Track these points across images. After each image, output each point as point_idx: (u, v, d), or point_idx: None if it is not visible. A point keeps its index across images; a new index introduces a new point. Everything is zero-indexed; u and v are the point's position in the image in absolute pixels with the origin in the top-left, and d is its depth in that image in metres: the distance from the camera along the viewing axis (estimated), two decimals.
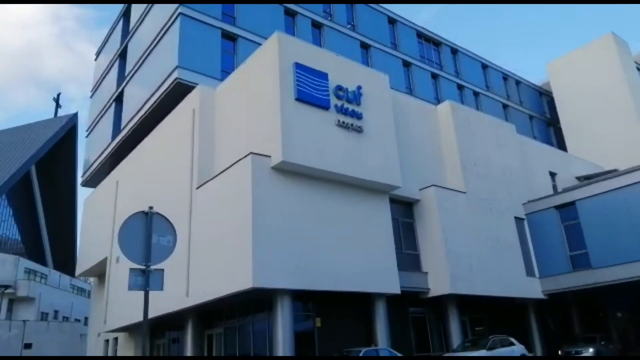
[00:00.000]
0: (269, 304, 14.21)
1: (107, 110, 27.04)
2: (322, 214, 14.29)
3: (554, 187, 23.68)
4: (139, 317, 17.90)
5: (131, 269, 5.83)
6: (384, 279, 15.01)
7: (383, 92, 16.69)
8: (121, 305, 19.70)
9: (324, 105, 14.54)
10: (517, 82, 37.88)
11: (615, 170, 23.92)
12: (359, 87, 15.62)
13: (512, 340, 15.86)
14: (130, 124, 23.07)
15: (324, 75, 14.78)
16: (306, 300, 14.52)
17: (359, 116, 15.30)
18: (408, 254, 16.94)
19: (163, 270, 6.00)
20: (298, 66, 14.29)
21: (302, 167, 13.79)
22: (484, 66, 35.24)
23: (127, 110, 24.04)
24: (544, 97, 40.00)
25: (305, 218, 13.85)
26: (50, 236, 53.22)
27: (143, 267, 5.87)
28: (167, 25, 20.92)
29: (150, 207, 6.09)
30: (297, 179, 14.04)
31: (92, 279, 38.95)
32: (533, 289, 19.29)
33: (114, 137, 25.06)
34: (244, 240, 12.78)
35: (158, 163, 19.24)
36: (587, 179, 24.25)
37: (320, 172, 14.17)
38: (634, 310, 24.75)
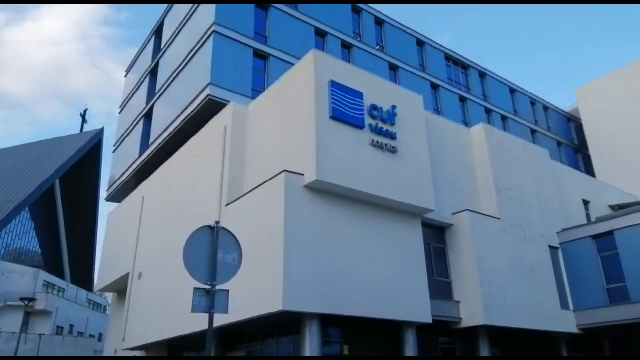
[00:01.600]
0: (295, 328, 13.74)
1: (135, 126, 27.21)
2: (354, 235, 13.89)
3: (587, 216, 22.91)
4: (161, 336, 17.72)
5: (195, 289, 5.48)
6: (415, 306, 14.45)
7: (417, 112, 16.39)
8: (142, 323, 19.40)
9: (358, 125, 14.27)
10: (545, 107, 37.34)
11: None
12: (393, 107, 15.35)
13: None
14: (159, 140, 23.11)
15: (359, 94, 14.55)
16: (334, 325, 14.01)
17: (392, 136, 14.99)
18: (439, 280, 16.35)
19: (228, 291, 5.63)
20: (333, 84, 14.10)
21: (336, 186, 13.46)
22: (512, 90, 34.83)
23: (156, 126, 24.12)
24: (571, 123, 39.32)
25: (336, 239, 13.46)
26: (69, 250, 53.51)
27: (208, 286, 5.48)
28: (200, 43, 21.06)
29: (217, 222, 5.77)
30: (329, 198, 13.71)
31: (110, 295, 38.88)
32: (567, 322, 18.44)
33: (141, 153, 25.12)
34: (275, 260, 12.42)
35: (186, 179, 19.12)
36: (620, 208, 23.46)
37: (353, 192, 13.82)
38: None
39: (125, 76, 32.21)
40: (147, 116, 26.02)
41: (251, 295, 13.06)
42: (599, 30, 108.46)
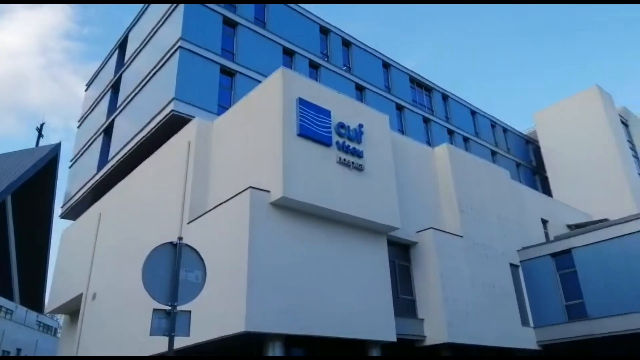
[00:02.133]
0: (257, 349, 13.38)
1: (94, 141, 26.41)
2: (319, 253, 13.74)
3: (546, 235, 23.55)
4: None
5: (155, 310, 5.10)
6: (380, 325, 14.34)
7: (383, 131, 16.56)
8: (95, 346, 18.51)
9: (325, 142, 14.26)
10: (505, 130, 38.51)
11: (606, 220, 23.98)
12: (360, 126, 15.45)
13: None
14: (118, 156, 22.47)
15: (326, 112, 14.59)
16: (298, 346, 13.72)
17: (359, 154, 15.04)
18: (404, 299, 16.35)
19: (190, 312, 5.30)
20: (301, 102, 14.08)
21: (302, 204, 13.33)
22: (473, 112, 35.81)
23: (116, 142, 23.47)
24: (530, 145, 40.65)
25: (301, 257, 13.27)
26: (19, 269, 50.91)
27: (168, 307, 5.13)
28: (166, 58, 20.76)
29: (180, 238, 5.47)
30: (296, 216, 13.56)
31: (62, 317, 37.06)
32: (527, 339, 18.74)
33: (99, 169, 24.34)
34: (238, 279, 12.10)
35: (147, 196, 18.59)
36: (577, 227, 24.24)
37: (320, 209, 13.72)
38: None
39: (85, 90, 31.36)
40: (107, 131, 25.31)
41: (212, 316, 12.62)
42: (558, 55, 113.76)
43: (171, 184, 16.86)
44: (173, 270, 5.27)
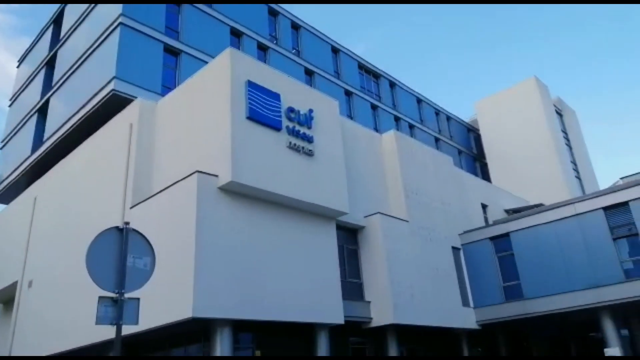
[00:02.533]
0: (205, 335, 13.22)
1: (27, 121, 24.86)
2: (268, 238, 13.65)
3: (485, 219, 24.58)
4: (55, 349, 16.23)
5: (101, 298, 4.84)
6: (328, 308, 14.51)
7: (333, 117, 16.57)
8: (33, 336, 17.65)
9: (275, 126, 14.09)
10: (448, 118, 39.65)
11: (541, 205, 25.31)
12: (310, 111, 15.38)
13: None
14: (54, 137, 21.28)
15: (276, 96, 14.39)
16: (246, 331, 13.66)
17: (309, 139, 14.99)
18: (351, 282, 16.60)
19: (138, 299, 5.07)
20: (251, 84, 13.80)
21: (251, 188, 13.15)
22: (419, 100, 36.59)
23: (52, 122, 22.20)
24: (471, 133, 42.13)
25: (250, 243, 13.14)
26: None
27: (115, 295, 4.89)
28: (106, 35, 19.72)
29: (127, 223, 5.20)
30: (244, 201, 13.37)
31: None
32: (468, 319, 19.58)
33: (34, 150, 22.97)
34: (185, 266, 11.82)
35: (86, 179, 17.74)
36: (514, 212, 25.44)
37: (269, 194, 13.59)
38: (555, 339, 26.02)
39: (17, 67, 29.36)
40: (42, 111, 23.88)
41: (159, 303, 12.28)
42: (501, 45, 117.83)
43: (112, 167, 16.16)
44: (120, 257, 5.00)
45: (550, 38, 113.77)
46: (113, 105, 18.13)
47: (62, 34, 24.27)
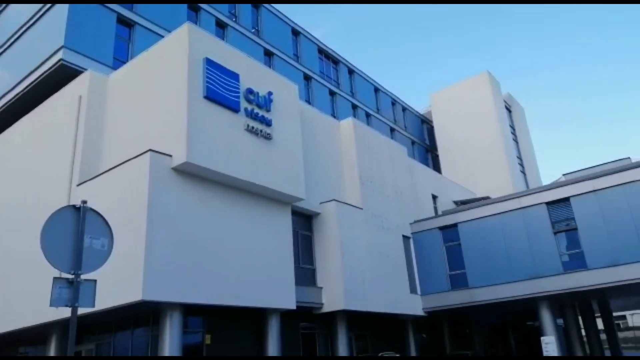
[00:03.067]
0: (153, 318, 12.92)
1: None
2: (222, 222, 13.40)
3: (435, 209, 25.23)
4: None
5: (55, 279, 4.54)
6: (281, 294, 14.49)
7: (292, 101, 16.39)
8: None
9: (233, 107, 13.76)
10: (404, 109, 40.21)
11: (488, 197, 26.22)
12: (270, 93, 15.12)
13: (399, 356, 16.28)
14: None
15: (235, 76, 14.03)
16: (196, 314, 13.45)
17: (268, 123, 14.76)
18: (304, 268, 16.64)
19: (95, 281, 4.81)
20: (209, 62, 13.37)
21: (206, 170, 12.81)
22: (376, 89, 36.84)
23: None
24: (425, 125, 42.95)
25: (204, 226, 12.85)
26: None
27: (71, 276, 4.61)
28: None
29: (84, 202, 4.89)
30: (199, 182, 13.03)
31: None
32: (415, 306, 20.14)
33: None
34: (135, 247, 11.41)
35: (30, 154, 16.76)
36: (463, 203, 26.25)
37: (224, 177, 13.30)
38: (496, 327, 27.27)
39: None
40: None
41: (107, 285, 11.70)
42: (459, 38, 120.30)
43: (58, 142, 15.32)
44: (76, 237, 4.73)
45: (506, 35, 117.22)
46: (60, 76, 17.15)
47: None
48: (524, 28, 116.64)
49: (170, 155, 12.45)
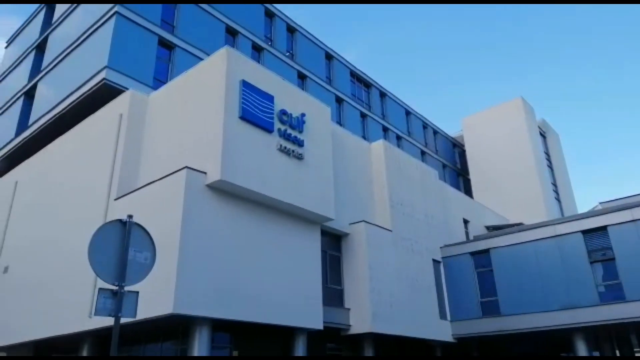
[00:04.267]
0: (182, 332, 13.10)
1: (13, 103, 24.39)
2: (253, 239, 13.61)
3: (467, 234, 24.87)
4: (28, 336, 15.90)
5: (101, 290, 4.78)
6: (308, 313, 14.51)
7: (324, 123, 16.63)
8: (5, 321, 17.25)
9: (267, 128, 14.08)
10: (435, 132, 40.07)
11: (521, 224, 25.70)
12: (303, 115, 15.41)
13: None
14: (40, 122, 20.90)
15: (270, 97, 14.39)
16: (224, 330, 13.58)
17: (300, 143, 15.01)
18: (332, 288, 16.62)
19: (137, 292, 5.04)
20: (245, 84, 13.79)
21: (240, 188, 13.10)
22: (407, 112, 36.91)
23: (39, 106, 21.81)
24: (456, 149, 42.62)
25: (234, 243, 13.08)
26: None
27: (115, 287, 4.83)
28: (100, 22, 19.48)
29: (130, 216, 5.15)
30: (231, 200, 13.32)
31: None
32: (444, 332, 19.75)
33: (18, 134, 22.54)
34: (168, 261, 11.68)
35: (71, 167, 17.48)
36: (495, 229, 25.80)
37: (257, 195, 13.56)
38: (528, 357, 26.35)
39: (5, 47, 28.82)
40: (29, 94, 23.46)
41: (139, 297, 12.17)
42: (492, 64, 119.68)
43: (99, 157, 15.95)
44: (121, 249, 4.96)
45: (541, 59, 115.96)
46: (103, 94, 17.91)
47: (55, 18, 23.92)
48: (559, 52, 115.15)
49: (205, 173, 12.79)
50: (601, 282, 17.45)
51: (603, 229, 17.56)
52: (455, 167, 41.36)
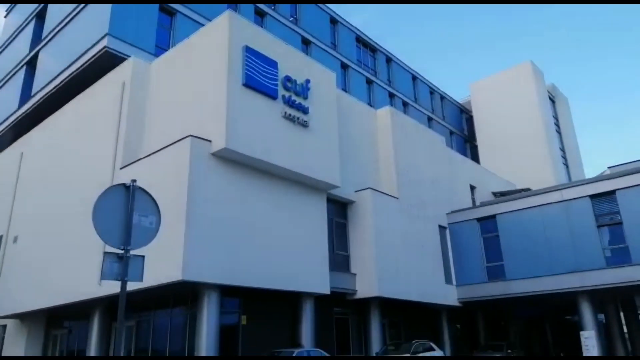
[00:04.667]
0: (192, 298, 13.30)
1: (15, 73, 24.21)
2: (259, 207, 13.64)
3: (473, 200, 24.82)
4: (39, 304, 16.23)
5: (106, 253, 4.80)
6: (315, 278, 14.68)
7: (329, 89, 16.41)
8: (17, 290, 17.62)
9: (271, 95, 13.91)
10: (442, 98, 39.49)
11: (528, 189, 25.60)
12: (307, 81, 15.19)
13: (432, 344, 16.24)
14: (43, 92, 20.76)
15: (274, 64, 14.16)
16: (234, 296, 13.79)
17: (305, 110, 14.85)
18: (339, 254, 16.76)
19: (144, 257, 5.06)
20: (248, 50, 13.54)
21: (244, 156, 13.05)
22: (414, 78, 36.31)
23: (41, 76, 21.63)
24: (463, 115, 42.08)
25: (241, 210, 13.12)
26: None
27: (121, 251, 4.86)
28: None
29: (134, 180, 5.13)
30: (237, 168, 13.29)
31: None
32: (450, 296, 19.97)
33: (21, 105, 22.45)
34: (176, 229, 11.76)
35: (75, 137, 17.46)
36: (502, 195, 25.73)
37: (262, 163, 13.52)
38: (532, 320, 26.73)
39: (5, 17, 28.40)
40: (31, 64, 23.24)
41: (148, 264, 12.25)
42: (501, 27, 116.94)
43: (103, 126, 15.90)
44: (126, 214, 4.97)
45: (552, 24, 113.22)
46: (105, 62, 17.69)
47: None
48: (570, 17, 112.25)
49: (210, 141, 12.73)
50: (607, 246, 17.44)
51: (611, 193, 17.45)
52: (462, 133, 40.94)
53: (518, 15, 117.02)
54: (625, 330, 23.62)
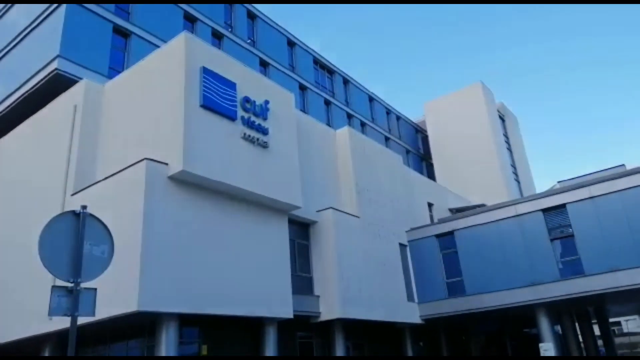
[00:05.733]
0: (149, 329, 12.75)
1: None
2: (219, 231, 13.33)
3: (431, 217, 25.23)
4: None
5: (54, 287, 4.44)
6: (278, 303, 14.38)
7: (288, 110, 16.40)
8: None
9: (230, 116, 13.75)
10: (398, 118, 40.35)
11: (483, 205, 26.25)
12: (267, 102, 15.13)
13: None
14: None
15: (232, 85, 14.04)
16: (193, 325, 13.32)
17: (264, 131, 14.75)
18: (301, 276, 16.54)
19: (95, 289, 4.73)
20: (206, 71, 13.38)
21: (203, 178, 12.76)
22: (371, 99, 36.98)
23: None
24: (419, 134, 43.10)
25: (200, 235, 12.77)
26: None
27: (71, 284, 4.52)
28: (50, 10, 18.51)
29: (84, 207, 4.82)
30: (195, 191, 12.97)
31: None
32: (412, 314, 20.05)
33: None
34: (131, 258, 11.27)
35: (24, 164, 16.67)
36: (458, 211, 26.27)
37: (221, 185, 13.26)
38: (492, 334, 27.18)
39: None
40: None
41: (102, 295, 11.69)
42: (452, 48, 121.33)
43: (53, 151, 15.24)
44: (76, 243, 4.64)
45: (500, 46, 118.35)
46: (56, 85, 17.11)
47: (1, 5, 22.60)
48: (519, 36, 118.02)
49: (167, 164, 12.39)
50: (560, 258, 18.02)
51: (562, 206, 18.11)
52: (418, 152, 41.85)
53: (470, 37, 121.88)
54: (580, 340, 24.39)
